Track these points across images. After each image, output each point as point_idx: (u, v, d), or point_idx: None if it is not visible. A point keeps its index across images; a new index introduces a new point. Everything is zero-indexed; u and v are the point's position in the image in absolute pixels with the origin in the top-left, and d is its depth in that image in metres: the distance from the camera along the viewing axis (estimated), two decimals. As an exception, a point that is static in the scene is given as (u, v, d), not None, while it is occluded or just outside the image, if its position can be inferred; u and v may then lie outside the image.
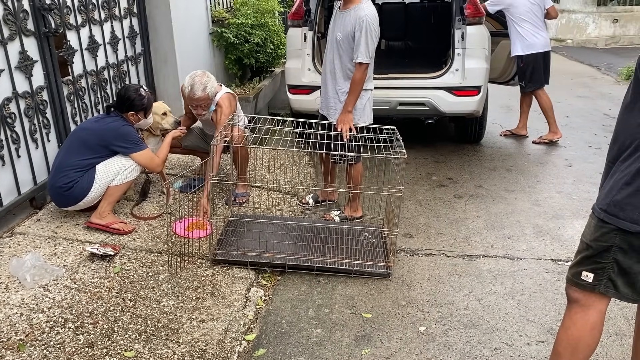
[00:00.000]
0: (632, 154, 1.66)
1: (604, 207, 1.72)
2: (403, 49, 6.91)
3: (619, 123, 1.76)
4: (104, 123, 3.24)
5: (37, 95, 3.33)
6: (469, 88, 4.65)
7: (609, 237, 1.72)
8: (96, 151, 3.17)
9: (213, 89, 3.58)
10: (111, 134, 3.18)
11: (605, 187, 1.75)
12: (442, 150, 5.31)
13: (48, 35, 3.37)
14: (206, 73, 3.61)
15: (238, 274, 2.98)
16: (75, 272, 2.79)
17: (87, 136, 3.19)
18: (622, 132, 1.73)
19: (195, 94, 3.51)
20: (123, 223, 3.27)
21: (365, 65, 3.33)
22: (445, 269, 3.18)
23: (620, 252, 1.71)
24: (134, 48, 4.59)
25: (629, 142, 1.68)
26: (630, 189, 1.66)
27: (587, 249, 1.79)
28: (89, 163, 3.15)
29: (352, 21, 3.31)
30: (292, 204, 3.99)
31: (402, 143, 3.10)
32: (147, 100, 3.34)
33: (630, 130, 1.68)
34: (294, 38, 4.90)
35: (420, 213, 3.93)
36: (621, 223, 1.67)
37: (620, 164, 1.71)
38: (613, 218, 1.69)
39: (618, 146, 1.73)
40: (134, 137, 3.26)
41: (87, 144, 3.16)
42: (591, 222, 1.79)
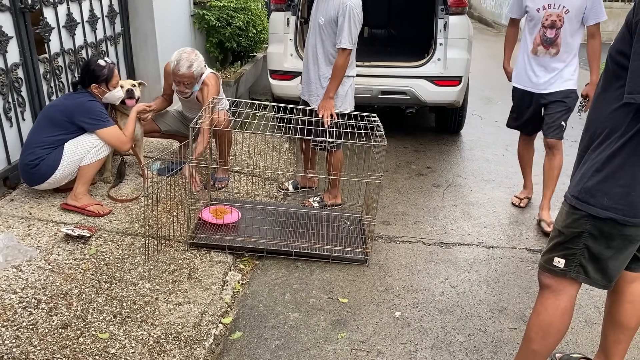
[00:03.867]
0: (602, 142, 1.70)
1: (575, 194, 1.76)
2: (386, 37, 6.90)
3: (590, 112, 1.80)
4: (71, 99, 3.19)
5: (11, 73, 3.25)
6: (450, 78, 4.68)
7: (579, 223, 1.76)
8: (63, 127, 3.11)
9: (199, 68, 3.53)
10: (76, 109, 3.12)
11: (577, 175, 1.79)
12: (422, 139, 5.35)
13: (24, 10, 3.28)
14: (195, 51, 3.56)
15: (216, 258, 2.97)
16: (50, 253, 2.75)
17: (54, 113, 3.14)
18: (593, 121, 1.77)
19: (179, 69, 3.47)
20: (99, 205, 3.22)
21: (348, 51, 3.32)
22: (421, 256, 3.22)
23: (591, 238, 1.75)
24: (114, 28, 4.50)
25: (600, 130, 1.72)
26: (600, 175, 1.70)
27: (559, 236, 1.83)
28: (56, 140, 3.09)
29: (335, 6, 3.30)
30: (271, 190, 3.99)
31: (382, 130, 3.11)
32: (107, 70, 3.23)
33: (601, 119, 1.72)
34: (277, 22, 4.85)
35: (399, 201, 3.95)
36: (591, 209, 1.72)
37: (592, 152, 1.74)
38: (584, 204, 1.73)
39: (589, 135, 1.77)
40: (98, 112, 3.18)
41: (53, 120, 3.11)
42: (563, 210, 1.83)
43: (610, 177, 1.68)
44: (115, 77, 3.30)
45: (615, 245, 1.74)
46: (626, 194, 1.66)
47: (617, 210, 1.68)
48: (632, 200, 1.67)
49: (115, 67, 3.32)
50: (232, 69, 6.15)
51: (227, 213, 3.27)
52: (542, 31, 3.44)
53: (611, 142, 1.67)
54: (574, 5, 3.32)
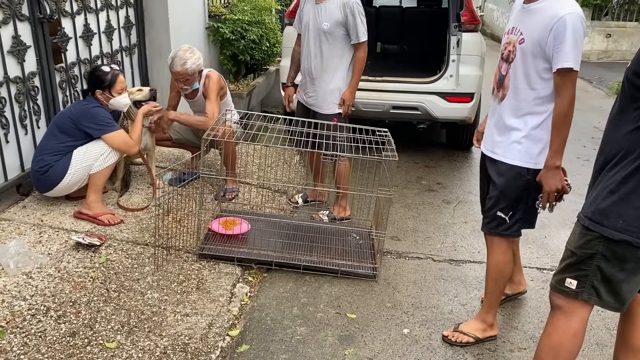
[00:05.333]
0: (617, 163, 1.69)
1: (589, 215, 1.75)
2: (398, 52, 6.93)
3: (605, 134, 1.79)
4: (77, 106, 3.24)
5: (28, 81, 3.30)
6: (462, 95, 4.68)
7: (593, 244, 1.74)
8: (71, 134, 3.14)
9: (195, 65, 3.54)
10: (81, 115, 3.15)
11: (591, 196, 1.78)
12: (433, 155, 5.34)
13: (42, 21, 3.33)
14: (191, 49, 3.57)
15: (224, 270, 2.97)
16: (60, 261, 2.76)
17: (62, 120, 3.17)
18: (608, 142, 1.76)
19: (173, 67, 3.53)
20: (111, 214, 3.24)
21: (366, 42, 3.47)
22: (431, 272, 3.20)
23: (604, 260, 1.73)
24: (129, 39, 4.56)
25: (615, 152, 1.71)
26: (614, 197, 1.68)
27: (572, 256, 1.81)
28: (64, 147, 3.12)
29: (337, 8, 3.40)
30: (281, 202, 3.99)
31: (394, 145, 3.11)
32: (110, 76, 3.24)
33: (616, 140, 1.71)
34: (291, 36, 4.87)
35: (408, 216, 3.94)
36: (605, 231, 1.70)
37: (606, 173, 1.73)
38: (597, 226, 1.72)
39: (604, 156, 1.76)
40: (103, 117, 3.19)
41: (62, 127, 3.15)
42: (576, 230, 1.82)
43: (625, 198, 1.66)
44: (119, 83, 3.28)
45: (629, 268, 1.72)
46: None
47: (631, 232, 1.66)
48: None
49: (121, 74, 3.33)
50: (244, 82, 6.20)
51: (236, 224, 3.28)
52: (499, 64, 2.44)
53: (626, 163, 1.66)
54: (531, 33, 2.21)
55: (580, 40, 2.11)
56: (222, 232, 3.20)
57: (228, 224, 3.27)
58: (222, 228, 3.22)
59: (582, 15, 2.12)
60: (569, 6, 2.12)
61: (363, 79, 4.70)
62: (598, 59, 11.99)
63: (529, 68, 2.25)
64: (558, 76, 2.16)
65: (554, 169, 2.22)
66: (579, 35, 2.09)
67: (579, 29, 2.09)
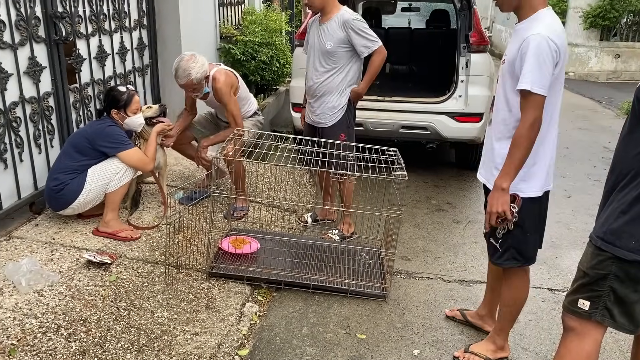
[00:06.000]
0: (628, 183, 1.69)
1: (601, 235, 1.74)
2: (407, 73, 6.98)
3: (616, 154, 1.79)
4: (93, 126, 3.29)
5: (43, 101, 3.36)
6: (471, 115, 4.69)
7: (605, 264, 1.73)
8: (86, 153, 3.18)
9: (199, 74, 3.51)
10: (97, 134, 3.20)
11: (602, 216, 1.77)
12: (442, 174, 5.33)
13: (58, 42, 3.41)
14: (193, 56, 3.53)
15: (234, 289, 2.97)
16: (71, 279, 2.77)
17: (77, 139, 3.22)
18: (619, 162, 1.76)
19: (178, 80, 3.55)
20: (130, 230, 3.29)
21: (381, 46, 3.51)
22: (441, 293, 3.17)
23: (617, 281, 1.72)
24: (142, 59, 4.64)
25: (626, 172, 1.71)
26: (626, 217, 1.68)
27: (584, 277, 1.80)
28: (79, 165, 3.16)
29: (338, 27, 3.47)
30: (290, 221, 3.99)
31: (403, 165, 3.12)
32: (126, 96, 3.30)
33: (627, 160, 1.71)
34: (301, 57, 4.93)
35: (418, 236, 3.93)
36: (617, 251, 1.69)
37: (617, 193, 1.73)
38: (609, 246, 1.71)
39: (615, 176, 1.76)
40: (118, 136, 3.24)
41: (77, 147, 3.19)
42: (588, 250, 1.81)
43: (637, 219, 1.66)
44: (134, 103, 3.34)
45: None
46: None
47: None
48: None
49: (136, 94, 3.39)
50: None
51: (246, 243, 3.29)
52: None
53: (637, 184, 1.66)
54: (509, 54, 2.22)
55: (544, 63, 2.03)
56: (231, 250, 3.21)
57: (238, 243, 3.28)
58: (231, 247, 3.23)
59: (548, 37, 2.03)
60: (540, 27, 2.06)
61: (372, 98, 4.76)
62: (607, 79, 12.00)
63: (506, 89, 2.23)
64: (521, 97, 2.11)
65: (499, 190, 2.16)
66: (542, 58, 2.02)
67: (543, 51, 2.03)
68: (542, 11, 2.13)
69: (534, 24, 2.11)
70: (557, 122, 2.26)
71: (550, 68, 2.05)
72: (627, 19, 11.90)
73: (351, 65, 3.56)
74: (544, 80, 2.04)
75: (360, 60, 3.60)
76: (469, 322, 2.83)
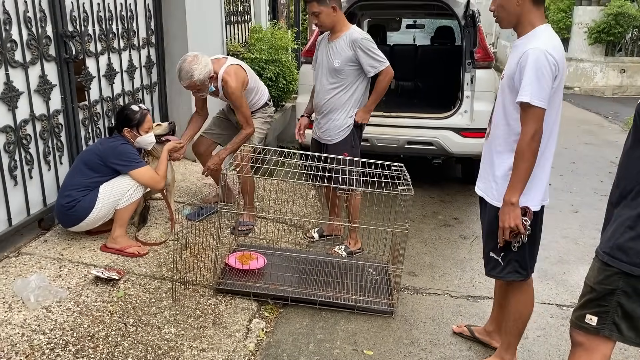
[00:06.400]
0: (634, 198, 1.70)
1: (607, 251, 1.74)
2: (413, 89, 7.02)
3: (620, 169, 1.79)
4: (105, 143, 3.32)
5: (53, 119, 3.40)
6: (477, 130, 4.71)
7: (612, 280, 1.73)
8: (97, 170, 3.21)
9: (202, 75, 3.50)
10: (109, 152, 3.23)
11: (608, 231, 1.78)
12: (449, 190, 5.33)
13: (68, 61, 3.46)
14: (197, 57, 3.52)
15: (240, 304, 2.97)
16: (79, 295, 2.79)
17: (89, 157, 3.25)
18: (623, 177, 1.76)
19: (181, 82, 3.55)
20: (138, 246, 3.31)
21: (388, 67, 3.54)
22: (449, 309, 3.16)
23: (624, 296, 1.72)
24: (150, 77, 4.70)
25: (630, 187, 1.71)
26: (632, 233, 1.68)
27: (591, 292, 1.80)
28: (91, 182, 3.19)
29: (347, 46, 3.50)
30: (297, 237, 4.00)
31: (409, 180, 3.13)
32: (139, 115, 3.34)
33: (631, 176, 1.72)
34: (307, 74, 4.98)
35: (425, 252, 3.92)
36: (624, 266, 1.69)
37: (623, 208, 1.73)
38: (616, 261, 1.71)
39: (620, 191, 1.76)
40: (130, 154, 3.28)
41: (89, 164, 3.22)
42: (595, 265, 1.81)
43: None
44: (147, 122, 3.40)
45: None
46: None
47: None
48: None
49: (149, 113, 3.44)
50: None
51: (253, 259, 3.29)
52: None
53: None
54: (508, 69, 2.24)
55: (543, 76, 2.06)
56: (238, 266, 3.21)
57: (244, 259, 3.29)
58: (238, 263, 3.24)
59: (546, 51, 2.07)
60: (538, 41, 2.11)
61: (378, 114, 4.79)
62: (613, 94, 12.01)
63: (505, 103, 2.25)
64: (521, 110, 2.14)
65: (509, 205, 2.18)
66: (541, 71, 2.06)
67: (541, 64, 2.06)
68: (540, 27, 2.18)
69: (532, 40, 2.14)
70: (556, 137, 2.28)
71: (549, 81, 2.08)
72: (631, 34, 11.95)
73: (358, 84, 3.59)
74: (543, 93, 2.07)
75: (367, 80, 3.63)
76: (476, 338, 2.81)
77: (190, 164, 5.06)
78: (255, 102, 3.92)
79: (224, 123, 4.08)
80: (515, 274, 2.35)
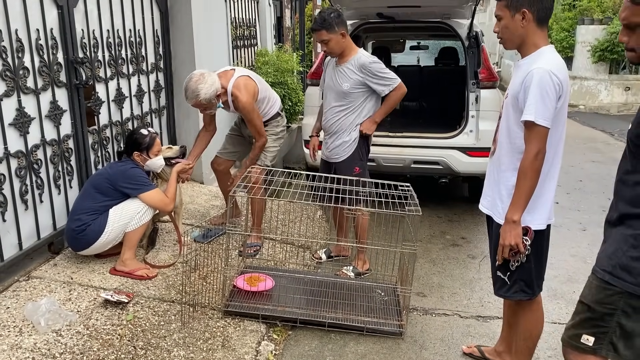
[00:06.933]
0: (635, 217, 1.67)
1: (609, 270, 1.70)
2: (418, 109, 7.07)
3: (617, 190, 1.76)
4: (114, 167, 3.35)
5: (63, 143, 3.45)
6: (483, 149, 4.72)
7: (613, 299, 1.69)
8: (107, 194, 3.24)
9: (208, 95, 3.49)
10: (119, 176, 3.26)
11: (609, 249, 1.74)
12: (456, 209, 5.33)
13: (78, 86, 3.52)
14: (203, 76, 3.50)
15: (249, 327, 2.96)
16: (89, 318, 2.79)
17: (99, 180, 3.29)
18: (622, 198, 1.73)
19: (187, 101, 3.57)
20: (147, 269, 3.32)
21: (400, 83, 3.61)
22: (458, 329, 3.14)
23: (624, 316, 1.68)
24: (159, 101, 4.76)
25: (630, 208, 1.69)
26: (635, 252, 1.65)
27: (589, 311, 1.75)
28: (101, 206, 3.22)
29: (355, 70, 3.54)
30: (305, 258, 4.00)
31: (417, 200, 3.14)
32: (149, 139, 3.39)
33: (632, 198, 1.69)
34: (312, 96, 5.06)
35: (433, 272, 3.91)
36: (628, 286, 1.66)
37: (624, 227, 1.70)
38: (619, 281, 1.67)
39: (619, 212, 1.73)
40: (140, 177, 3.32)
41: (98, 188, 3.25)
42: (593, 283, 1.76)
43: None
44: (156, 146, 3.45)
45: None
46: None
47: None
48: None
49: (157, 136, 3.48)
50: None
51: (261, 281, 3.29)
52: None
53: None
54: (512, 88, 2.27)
55: (547, 96, 2.09)
56: (246, 288, 3.22)
57: (253, 281, 3.29)
58: (246, 285, 3.24)
59: (551, 71, 2.10)
60: (542, 61, 2.14)
61: (383, 134, 4.82)
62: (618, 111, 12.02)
63: (510, 122, 2.27)
64: (525, 129, 2.17)
65: (510, 223, 2.19)
66: (545, 90, 2.09)
67: (546, 84, 2.09)
68: (544, 48, 2.21)
69: (536, 60, 2.17)
70: (561, 156, 2.29)
71: (553, 101, 2.10)
72: (635, 52, 11.99)
73: (365, 105, 3.63)
74: (547, 113, 2.10)
75: (376, 101, 3.66)
76: (486, 358, 2.79)
77: (198, 186, 5.09)
78: (267, 112, 3.91)
79: (237, 139, 4.10)
80: (521, 293, 2.35)
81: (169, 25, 4.80)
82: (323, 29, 3.46)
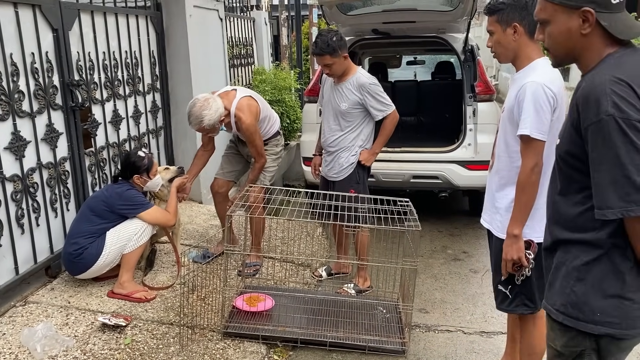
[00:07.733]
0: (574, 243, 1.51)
1: (561, 310, 1.53)
2: (415, 124, 7.07)
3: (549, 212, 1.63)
4: (110, 190, 3.33)
5: (59, 166, 3.43)
6: (482, 162, 4.70)
7: (578, 341, 1.52)
8: (104, 217, 3.22)
9: (212, 121, 3.44)
10: (116, 197, 3.25)
11: (555, 284, 1.57)
12: (457, 223, 5.29)
13: (75, 109, 3.51)
14: (207, 102, 3.44)
15: (249, 348, 2.91)
16: (86, 343, 2.75)
17: (95, 203, 3.27)
18: (556, 222, 1.59)
19: (191, 126, 3.55)
20: (145, 291, 3.29)
21: (394, 111, 3.60)
22: (462, 346, 3.09)
23: (595, 353, 1.52)
24: (156, 122, 4.76)
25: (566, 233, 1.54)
26: (582, 286, 1.49)
27: (559, 356, 1.60)
28: (97, 229, 3.20)
29: (354, 90, 3.53)
30: (305, 276, 3.96)
31: (416, 215, 3.11)
32: (147, 161, 3.38)
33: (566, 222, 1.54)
34: (310, 113, 5.06)
35: (435, 287, 3.86)
36: (583, 326, 1.49)
37: (563, 255, 1.55)
38: (573, 321, 1.51)
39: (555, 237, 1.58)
40: (137, 198, 3.31)
41: (94, 210, 3.24)
42: (553, 326, 1.59)
43: (596, 286, 1.46)
44: (154, 166, 3.47)
45: (618, 357, 1.54)
46: (618, 306, 1.45)
47: (612, 324, 1.45)
48: (626, 311, 1.44)
49: (154, 156, 3.48)
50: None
51: (260, 300, 3.25)
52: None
53: (587, 249, 1.48)
54: (507, 102, 2.26)
55: (542, 109, 2.07)
56: (246, 309, 3.17)
57: (252, 301, 3.25)
58: (246, 305, 3.20)
59: (544, 84, 2.07)
60: (535, 74, 2.12)
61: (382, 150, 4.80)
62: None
63: (507, 136, 2.26)
64: (521, 143, 2.15)
65: (512, 238, 2.17)
66: (539, 104, 2.07)
67: (539, 97, 2.07)
68: (538, 60, 2.20)
69: (530, 73, 2.16)
70: None
71: (547, 114, 2.09)
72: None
73: (364, 126, 3.62)
74: (543, 127, 2.08)
75: (373, 121, 3.66)
76: None
77: (196, 206, 5.07)
78: (268, 131, 3.90)
79: (235, 158, 4.06)
80: (523, 307, 2.32)
81: (165, 46, 4.82)
82: (327, 53, 3.44)
